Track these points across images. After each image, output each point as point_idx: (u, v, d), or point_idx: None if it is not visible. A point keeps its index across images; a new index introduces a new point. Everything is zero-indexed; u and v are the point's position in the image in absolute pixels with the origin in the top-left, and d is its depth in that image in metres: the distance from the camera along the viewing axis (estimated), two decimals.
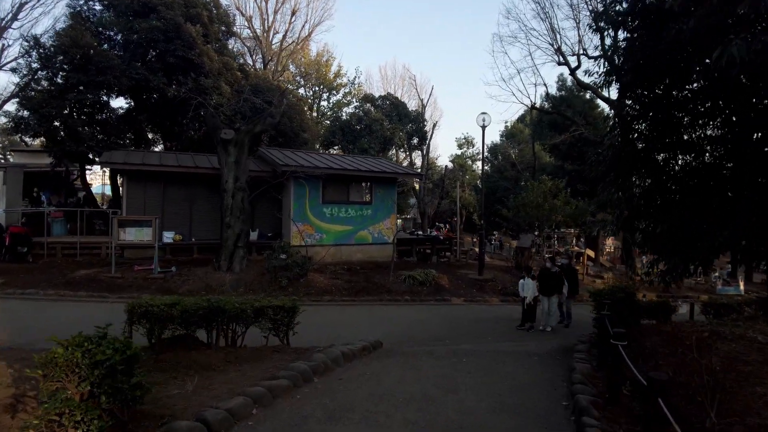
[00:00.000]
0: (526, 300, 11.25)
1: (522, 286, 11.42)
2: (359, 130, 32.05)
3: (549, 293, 11.05)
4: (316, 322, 10.82)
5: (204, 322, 6.17)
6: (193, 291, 13.22)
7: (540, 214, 19.50)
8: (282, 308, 6.91)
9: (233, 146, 14.50)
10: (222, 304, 6.15)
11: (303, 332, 9.37)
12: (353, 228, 17.86)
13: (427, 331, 10.55)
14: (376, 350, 7.51)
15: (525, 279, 11.46)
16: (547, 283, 11.07)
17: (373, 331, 10.03)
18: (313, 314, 11.87)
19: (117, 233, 14.19)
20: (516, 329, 11.18)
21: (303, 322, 10.26)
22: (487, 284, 16.77)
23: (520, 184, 40.93)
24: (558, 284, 11.11)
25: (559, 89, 32.80)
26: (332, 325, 10.53)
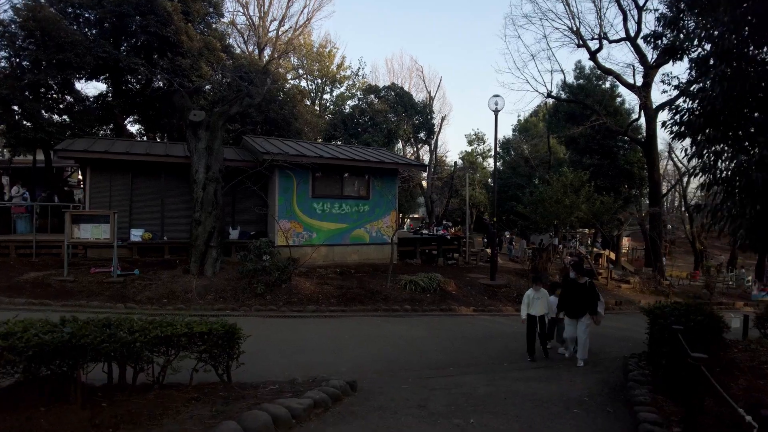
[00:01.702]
0: (545, 316, 8.61)
1: (528, 299, 8.58)
2: (362, 123, 29.99)
3: (577, 313, 8.24)
4: (290, 341, 8.75)
5: (60, 360, 3.96)
6: (154, 299, 11.24)
7: (560, 210, 17.24)
8: (208, 335, 4.81)
9: (204, 130, 12.47)
10: (86, 334, 3.90)
11: (268, 355, 7.39)
12: (348, 226, 15.77)
13: (425, 354, 8.39)
14: (344, 399, 5.29)
15: (536, 289, 8.63)
16: (574, 299, 8.31)
17: (357, 356, 7.96)
18: (290, 329, 9.82)
19: (70, 230, 12.21)
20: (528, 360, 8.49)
21: (273, 340, 8.22)
22: (500, 291, 14.60)
23: (533, 181, 38.78)
24: (590, 301, 8.24)
25: (577, 77, 30.53)
26: (309, 347, 8.43)
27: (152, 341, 4.30)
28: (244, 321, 10.37)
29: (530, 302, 8.56)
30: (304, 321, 10.59)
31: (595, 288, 8.51)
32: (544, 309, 8.57)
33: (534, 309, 8.52)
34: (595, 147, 29.41)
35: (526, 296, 8.65)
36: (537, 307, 8.53)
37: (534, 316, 8.52)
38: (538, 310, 8.52)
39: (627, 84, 24.32)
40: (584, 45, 23.85)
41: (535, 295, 8.59)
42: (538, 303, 8.56)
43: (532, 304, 8.55)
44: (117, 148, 14.10)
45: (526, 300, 8.59)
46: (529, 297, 8.61)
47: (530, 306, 8.55)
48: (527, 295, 8.66)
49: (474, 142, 43.69)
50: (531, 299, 8.57)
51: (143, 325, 4.46)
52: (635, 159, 28.56)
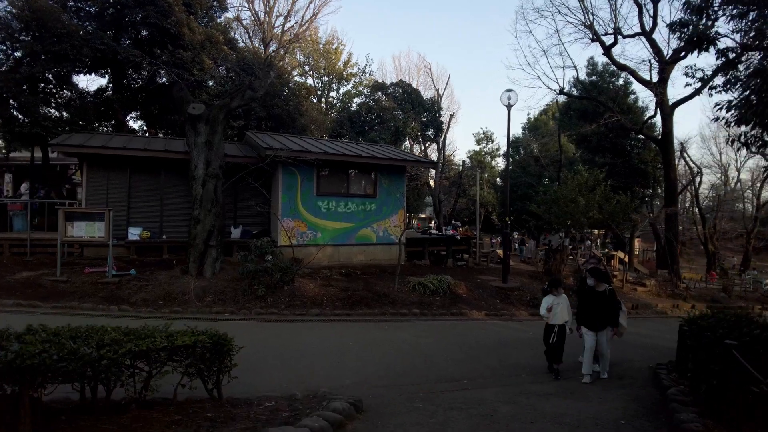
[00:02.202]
0: (565, 324, 7.59)
1: (548, 304, 7.66)
2: (369, 120, 29.38)
3: (597, 325, 7.30)
4: (291, 348, 8.15)
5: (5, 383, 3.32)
6: (149, 301, 10.68)
7: (575, 210, 16.53)
8: (193, 348, 4.20)
9: (204, 124, 11.89)
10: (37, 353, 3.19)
11: (267, 364, 6.80)
12: (354, 225, 15.14)
13: (437, 364, 7.74)
14: (348, 426, 4.56)
15: (556, 294, 7.67)
16: (593, 309, 7.35)
17: (363, 366, 7.33)
18: (292, 334, 9.20)
19: (63, 228, 11.68)
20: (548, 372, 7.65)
21: (273, 346, 7.62)
22: (513, 294, 13.94)
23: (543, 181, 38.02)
24: (611, 311, 7.38)
25: (589, 74, 29.72)
26: (311, 355, 7.82)
27: (125, 357, 3.68)
28: (243, 325, 9.83)
29: (553, 306, 7.57)
30: (306, 326, 9.98)
31: (616, 296, 7.65)
32: (565, 316, 7.61)
33: (554, 316, 7.57)
34: (607, 145, 28.64)
35: (545, 302, 7.69)
36: (558, 315, 7.58)
37: (554, 325, 7.53)
38: (559, 318, 7.57)
39: (642, 80, 23.55)
40: (598, 40, 23.09)
41: (555, 301, 7.61)
42: (558, 310, 7.57)
43: (555, 309, 7.56)
44: (114, 143, 13.55)
45: (545, 305, 7.65)
46: (548, 303, 7.65)
47: (548, 310, 7.61)
48: (545, 300, 7.70)
49: (482, 140, 43.01)
50: (552, 302, 7.60)
51: (116, 337, 3.86)
52: (649, 158, 27.78)
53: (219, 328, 9.28)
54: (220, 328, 9.37)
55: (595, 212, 17.12)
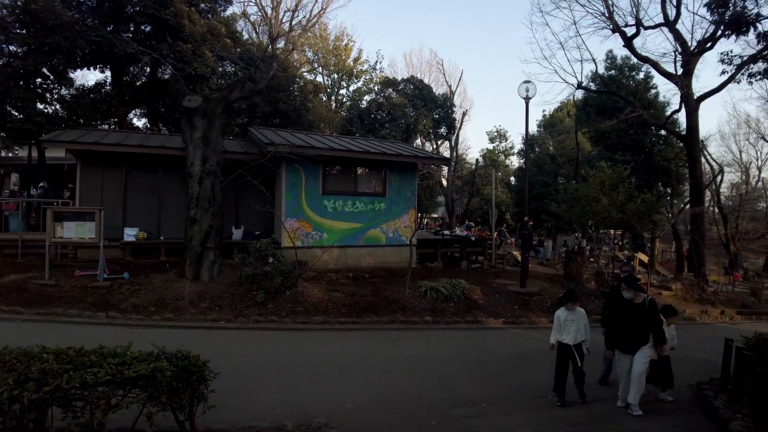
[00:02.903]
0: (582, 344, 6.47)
1: (559, 322, 6.57)
2: (379, 118, 28.52)
3: (634, 346, 6.18)
4: (289, 362, 7.31)
5: None
6: (140, 307, 9.93)
7: (598, 209, 15.51)
8: (151, 379, 3.36)
9: (200, 118, 11.12)
10: None
11: (259, 383, 6.01)
12: (362, 225, 14.29)
13: (452, 383, 6.85)
14: None
15: (571, 309, 6.55)
16: (629, 326, 6.22)
17: (368, 386, 6.47)
18: (292, 346, 8.34)
19: (52, 228, 10.98)
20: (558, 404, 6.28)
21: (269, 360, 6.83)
22: (532, 299, 12.98)
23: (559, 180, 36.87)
24: (652, 327, 6.17)
25: (608, 68, 28.53)
26: (311, 371, 6.97)
27: (53, 394, 2.86)
28: (238, 335, 9.01)
29: (562, 325, 6.52)
30: (308, 336, 9.15)
31: (657, 308, 6.44)
32: (580, 335, 6.48)
33: (567, 335, 6.46)
34: (627, 142, 27.48)
35: (557, 318, 6.61)
36: (571, 333, 6.45)
37: (567, 344, 6.44)
38: (572, 336, 6.44)
39: (666, 73, 22.34)
40: (618, 30, 21.93)
41: (569, 317, 6.51)
42: (572, 327, 6.46)
43: (564, 328, 6.50)
44: (109, 140, 12.85)
45: (557, 322, 6.58)
46: (560, 319, 6.55)
47: (562, 330, 6.52)
48: (558, 316, 6.61)
49: (496, 139, 41.96)
50: (563, 321, 6.52)
51: (48, 368, 3.04)
52: (672, 155, 26.57)
53: (212, 338, 8.52)
54: (213, 338, 8.62)
55: (617, 212, 16.08)
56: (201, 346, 8.20)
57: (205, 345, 8.08)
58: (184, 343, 8.27)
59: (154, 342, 8.16)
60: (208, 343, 8.21)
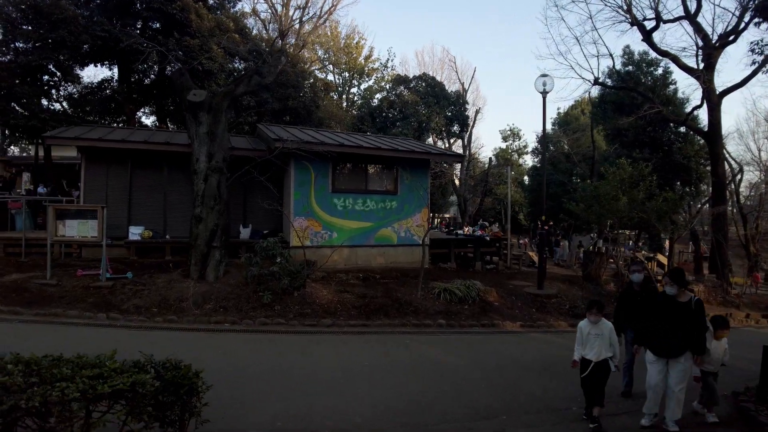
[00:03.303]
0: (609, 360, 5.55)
1: (582, 335, 5.68)
2: (391, 116, 28.08)
3: (672, 350, 5.38)
4: (295, 369, 6.87)
5: None
6: (142, 308, 9.57)
7: (617, 208, 14.91)
8: (132, 393, 2.94)
9: (206, 112, 10.75)
10: None
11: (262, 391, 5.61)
12: (373, 225, 13.85)
13: (467, 392, 6.36)
14: None
15: (594, 320, 5.61)
16: (670, 326, 5.38)
17: (378, 395, 6.01)
18: (298, 350, 7.87)
19: (54, 226, 10.67)
20: (583, 418, 5.61)
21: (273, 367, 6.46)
22: (550, 302, 12.43)
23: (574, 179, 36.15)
24: (697, 331, 5.35)
25: (625, 64, 27.80)
26: (317, 378, 6.53)
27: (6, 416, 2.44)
28: (242, 339, 8.59)
29: (585, 339, 5.63)
30: (316, 339, 8.71)
31: (704, 311, 5.53)
32: (606, 350, 5.54)
33: (590, 350, 5.56)
34: (645, 140, 26.72)
35: (580, 330, 5.72)
36: (595, 348, 5.53)
37: (591, 361, 5.52)
38: (597, 352, 5.51)
39: (686, 67, 21.60)
40: (637, 24, 21.26)
41: (592, 330, 5.59)
42: (596, 342, 5.54)
43: (587, 342, 5.61)
44: (114, 136, 12.57)
45: (579, 335, 5.70)
46: (583, 332, 5.65)
47: (584, 344, 5.63)
48: (580, 328, 5.72)
49: (509, 138, 41.28)
50: (585, 335, 5.63)
51: (9, 382, 2.62)
52: (692, 152, 25.77)
53: (215, 341, 8.12)
54: (216, 341, 8.21)
55: (638, 211, 15.44)
56: (203, 350, 7.84)
57: (207, 348, 7.71)
58: (186, 346, 7.91)
59: (155, 344, 7.81)
60: (211, 346, 7.83)
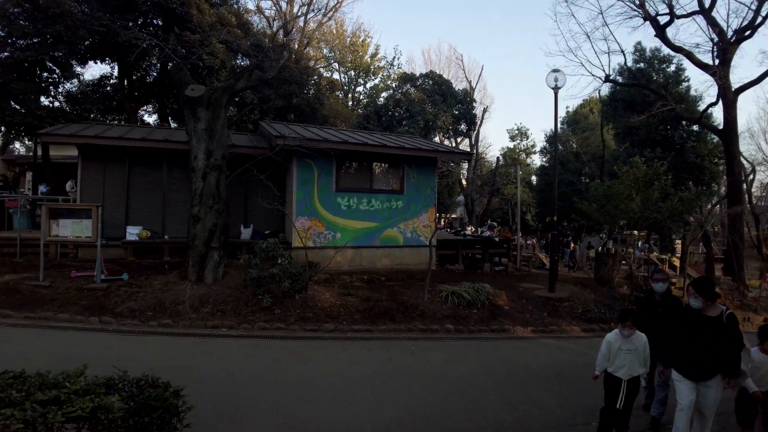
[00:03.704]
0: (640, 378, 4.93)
1: (610, 348, 4.91)
2: (397, 115, 27.63)
3: (704, 372, 4.62)
4: (294, 377, 6.44)
5: None
6: (137, 311, 9.16)
7: (631, 208, 14.38)
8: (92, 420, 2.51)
9: (204, 108, 10.34)
10: None
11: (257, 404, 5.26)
12: (378, 225, 13.41)
13: (477, 405, 5.91)
14: None
15: (626, 333, 4.82)
16: (699, 344, 4.62)
17: (381, 407, 5.58)
18: (298, 358, 7.39)
19: (47, 226, 10.32)
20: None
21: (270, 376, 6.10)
22: (562, 305, 11.93)
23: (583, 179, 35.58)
24: (731, 349, 4.55)
25: (636, 61, 27.21)
26: (318, 389, 6.09)
27: None
28: (239, 344, 8.14)
29: (612, 353, 4.85)
30: (317, 345, 8.27)
31: (738, 325, 4.70)
32: (639, 367, 4.84)
33: (621, 368, 4.78)
34: (657, 138, 26.13)
35: (607, 343, 4.90)
36: (626, 365, 4.78)
37: (620, 379, 4.79)
38: (628, 369, 4.77)
39: (701, 63, 20.98)
40: (650, 19, 20.69)
41: (623, 345, 4.81)
42: (627, 359, 4.78)
43: (616, 358, 4.83)
44: (111, 133, 12.20)
45: (606, 349, 4.91)
46: (612, 346, 4.86)
47: (613, 359, 4.85)
48: (608, 342, 4.90)
49: (516, 137, 40.74)
50: (615, 350, 4.84)
51: None
52: (706, 151, 25.14)
53: (211, 347, 7.70)
54: (212, 347, 7.78)
55: (652, 211, 14.89)
56: (196, 356, 7.41)
57: (201, 355, 7.29)
58: (178, 352, 7.49)
59: (146, 350, 7.41)
60: (205, 352, 7.41)
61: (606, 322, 11.30)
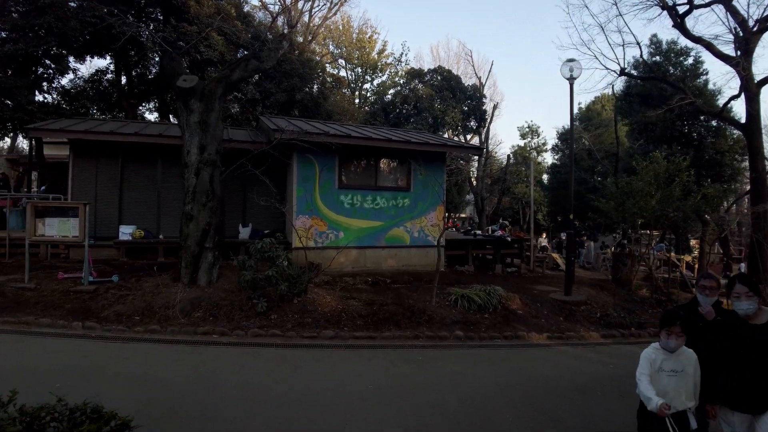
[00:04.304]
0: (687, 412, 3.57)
1: (654, 366, 3.61)
2: (405, 111, 26.94)
3: (755, 398, 3.50)
4: (287, 391, 5.78)
5: None
6: (124, 315, 8.57)
7: (651, 206, 13.57)
8: None
9: (197, 99, 9.74)
10: None
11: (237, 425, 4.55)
12: (383, 224, 12.74)
13: (491, 426, 5.21)
14: None
15: (671, 347, 3.59)
16: (752, 366, 3.52)
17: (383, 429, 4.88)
18: (294, 368, 6.65)
19: (33, 226, 9.77)
20: None
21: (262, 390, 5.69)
22: (579, 309, 11.16)
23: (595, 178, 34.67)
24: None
25: (652, 54, 26.29)
26: (313, 405, 5.43)
27: None
28: (229, 353, 7.42)
29: (656, 376, 3.60)
30: (315, 354, 7.60)
31: None
32: (687, 397, 3.59)
33: (664, 395, 3.48)
34: (675, 134, 25.21)
35: (647, 360, 3.65)
36: (671, 392, 3.54)
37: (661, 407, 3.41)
38: (671, 400, 3.47)
39: (722, 55, 19.98)
40: (667, 8, 19.76)
41: (667, 362, 3.61)
42: (673, 382, 3.57)
43: (658, 381, 3.58)
44: (103, 128, 11.65)
45: (649, 367, 3.61)
46: (653, 363, 3.62)
47: (656, 382, 3.58)
48: (648, 358, 3.65)
49: (527, 135, 39.81)
50: (657, 369, 3.61)
51: None
52: (726, 147, 24.17)
53: (198, 357, 7.05)
54: (199, 356, 7.11)
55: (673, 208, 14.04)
56: (180, 366, 6.72)
57: (187, 365, 6.66)
58: (162, 361, 6.79)
59: (128, 359, 6.73)
60: (192, 362, 6.78)
61: (626, 327, 10.56)
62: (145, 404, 5.22)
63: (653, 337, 10.98)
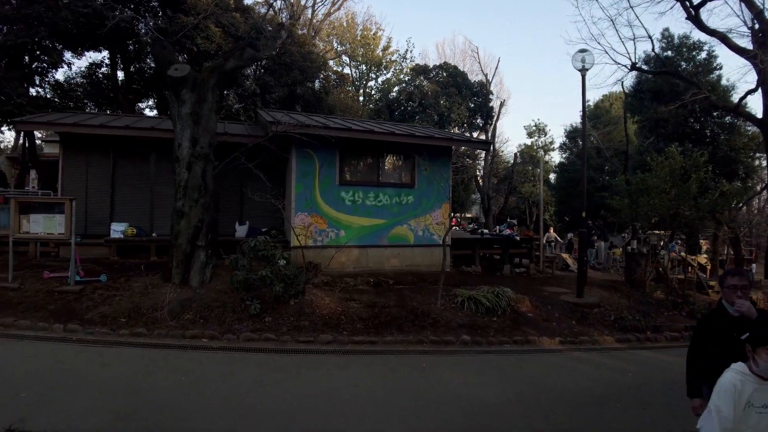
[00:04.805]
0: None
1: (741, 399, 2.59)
2: (410, 108, 26.41)
3: None
4: (278, 406, 5.25)
5: None
6: (109, 317, 8.08)
7: (666, 204, 12.95)
8: None
9: (189, 90, 9.23)
10: None
11: None
12: (386, 222, 12.19)
13: None
14: None
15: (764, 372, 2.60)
16: None
17: None
18: (286, 378, 6.03)
19: (17, 222, 9.31)
20: None
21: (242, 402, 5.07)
22: (592, 312, 10.56)
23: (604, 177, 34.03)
24: None
25: (663, 49, 25.60)
26: (299, 422, 4.90)
27: None
28: (218, 359, 6.80)
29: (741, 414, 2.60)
30: (310, 361, 7.06)
31: None
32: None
33: None
34: (687, 131, 24.52)
35: (728, 391, 2.64)
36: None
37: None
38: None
39: (738, 48, 19.32)
40: (681, 0, 19.13)
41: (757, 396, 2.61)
42: (764, 422, 2.58)
43: (745, 420, 2.59)
44: (93, 121, 11.17)
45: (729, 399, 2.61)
46: (741, 395, 2.62)
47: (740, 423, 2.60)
48: (735, 389, 2.63)
49: (534, 133, 39.20)
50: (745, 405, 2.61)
51: None
52: (741, 144, 23.46)
53: (184, 363, 6.50)
54: (185, 362, 6.49)
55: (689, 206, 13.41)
56: (163, 374, 6.13)
57: (171, 372, 6.13)
58: (144, 368, 6.21)
59: (108, 365, 6.26)
60: (176, 369, 6.26)
61: (642, 331, 9.97)
62: (120, 417, 4.73)
63: (670, 341, 10.39)
